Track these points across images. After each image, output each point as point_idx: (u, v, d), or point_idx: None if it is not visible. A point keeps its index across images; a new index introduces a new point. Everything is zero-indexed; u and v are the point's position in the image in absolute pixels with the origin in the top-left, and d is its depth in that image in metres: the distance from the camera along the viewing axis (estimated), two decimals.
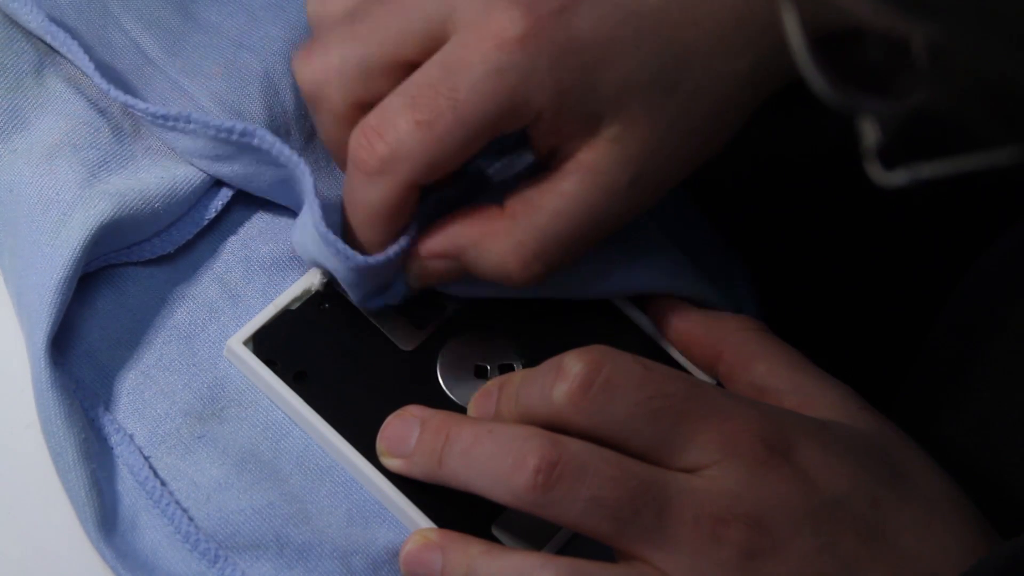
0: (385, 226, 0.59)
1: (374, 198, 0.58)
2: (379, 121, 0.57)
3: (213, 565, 0.58)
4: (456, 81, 0.56)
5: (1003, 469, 0.62)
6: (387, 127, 0.57)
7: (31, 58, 0.64)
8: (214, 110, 0.63)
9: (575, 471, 0.55)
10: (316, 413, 0.60)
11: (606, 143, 0.58)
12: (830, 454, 0.56)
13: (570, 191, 0.58)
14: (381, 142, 0.57)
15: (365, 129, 0.58)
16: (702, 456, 0.55)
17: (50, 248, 0.59)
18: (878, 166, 0.43)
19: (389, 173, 0.57)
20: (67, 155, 0.62)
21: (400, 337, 0.62)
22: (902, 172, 0.42)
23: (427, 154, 0.57)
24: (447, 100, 0.56)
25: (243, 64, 0.64)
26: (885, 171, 0.42)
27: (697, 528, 0.54)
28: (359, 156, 0.58)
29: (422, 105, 0.57)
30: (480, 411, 0.59)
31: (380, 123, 0.57)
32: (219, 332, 0.62)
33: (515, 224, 0.59)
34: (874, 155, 0.42)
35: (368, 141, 0.57)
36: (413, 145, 0.57)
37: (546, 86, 0.57)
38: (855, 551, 0.55)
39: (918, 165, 0.42)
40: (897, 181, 0.42)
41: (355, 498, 0.60)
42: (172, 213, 0.62)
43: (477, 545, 0.57)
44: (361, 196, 0.58)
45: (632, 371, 0.56)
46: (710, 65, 0.58)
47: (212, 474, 0.59)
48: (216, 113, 0.63)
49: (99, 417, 0.59)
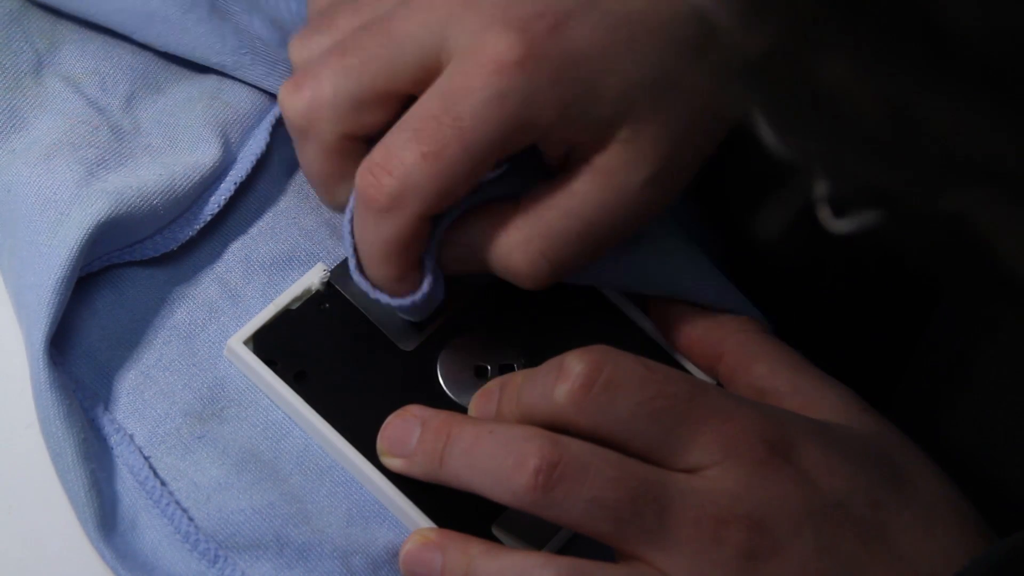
0: (400, 259, 0.58)
1: (387, 234, 0.58)
2: (385, 157, 0.57)
3: (213, 565, 0.58)
4: (459, 110, 0.56)
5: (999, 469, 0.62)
6: (393, 162, 0.57)
7: (29, 58, 0.64)
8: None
9: (576, 471, 0.55)
10: (316, 413, 0.60)
11: (618, 145, 0.58)
12: (831, 455, 0.56)
13: (581, 191, 0.58)
14: (389, 177, 0.57)
15: (371, 166, 0.57)
16: (703, 457, 0.55)
17: (48, 248, 0.59)
18: (829, 214, 0.43)
19: (399, 208, 0.57)
20: (65, 154, 0.62)
21: (400, 337, 0.62)
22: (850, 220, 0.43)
23: (436, 185, 0.57)
24: (452, 130, 0.56)
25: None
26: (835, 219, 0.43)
27: (698, 529, 0.54)
28: (368, 194, 0.57)
29: (427, 137, 0.56)
30: (481, 411, 0.59)
31: (386, 159, 0.57)
32: (219, 332, 0.62)
33: (525, 221, 0.59)
34: (825, 203, 0.43)
35: (376, 178, 0.57)
36: (420, 178, 0.57)
37: (549, 103, 0.57)
38: (855, 552, 0.55)
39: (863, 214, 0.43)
40: (846, 228, 0.43)
41: (355, 498, 0.60)
42: (172, 211, 0.62)
43: (477, 545, 0.57)
44: (373, 234, 0.58)
45: (634, 371, 0.56)
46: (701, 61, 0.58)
47: (212, 474, 0.59)
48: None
49: (99, 417, 0.59)
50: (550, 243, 0.58)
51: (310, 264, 0.64)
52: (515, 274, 0.59)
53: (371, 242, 0.58)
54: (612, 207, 0.58)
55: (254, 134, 0.65)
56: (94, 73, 0.65)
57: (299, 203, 0.65)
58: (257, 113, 0.65)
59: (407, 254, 0.58)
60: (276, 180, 0.65)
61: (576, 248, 0.59)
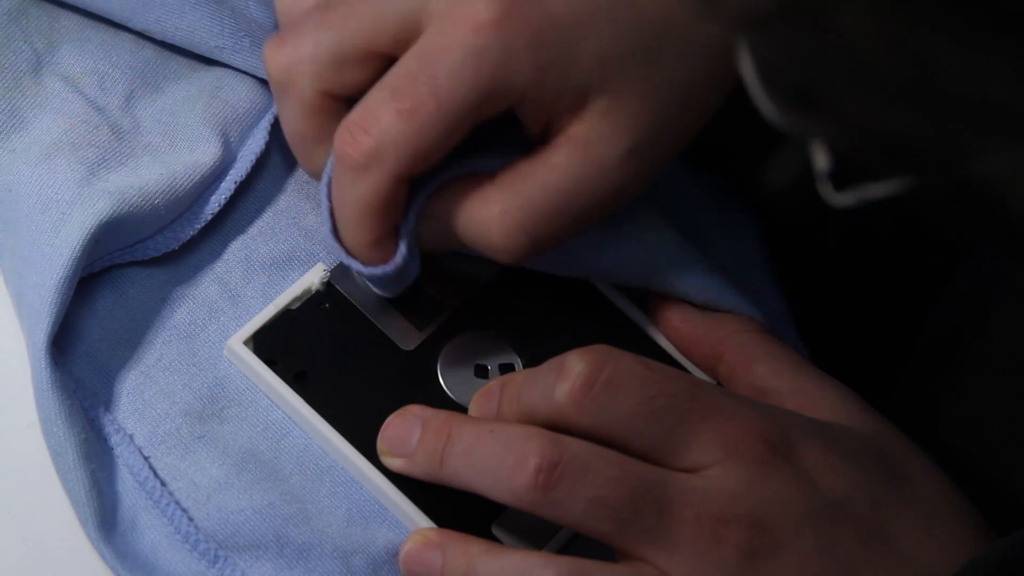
0: (376, 222, 0.58)
1: (363, 194, 0.58)
2: (362, 116, 0.57)
3: (213, 565, 0.57)
4: (435, 68, 0.56)
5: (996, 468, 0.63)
6: (370, 120, 0.57)
7: (29, 57, 0.64)
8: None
9: (576, 471, 0.55)
10: (316, 413, 0.60)
11: (595, 116, 0.58)
12: (831, 455, 0.56)
13: (559, 164, 0.58)
14: (365, 136, 0.57)
15: (349, 125, 0.57)
16: (704, 456, 0.55)
17: (49, 248, 0.59)
18: (829, 188, 0.43)
19: (376, 166, 0.57)
20: (66, 154, 0.62)
21: (400, 337, 0.62)
22: (851, 193, 0.43)
23: (412, 144, 0.57)
24: (427, 87, 0.56)
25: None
26: (835, 192, 0.43)
27: (698, 528, 0.54)
28: (344, 152, 0.57)
29: (403, 95, 0.57)
30: (481, 411, 0.59)
31: (363, 117, 0.57)
32: (219, 332, 0.62)
33: (502, 193, 0.58)
34: (825, 177, 0.43)
35: (353, 136, 0.57)
36: (397, 136, 0.57)
37: (525, 66, 0.57)
38: (855, 552, 0.55)
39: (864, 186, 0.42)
40: (847, 201, 0.43)
41: (355, 498, 0.60)
42: (173, 210, 0.62)
43: (477, 544, 0.57)
44: (350, 194, 0.58)
45: (634, 371, 0.56)
46: (688, 34, 0.58)
47: (212, 474, 0.59)
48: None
49: (99, 417, 0.59)
50: (528, 216, 0.58)
51: (310, 264, 0.64)
52: (493, 248, 0.59)
53: (347, 203, 0.58)
54: (590, 180, 0.58)
55: (253, 133, 0.65)
56: (93, 72, 0.65)
57: (299, 203, 0.65)
58: (256, 112, 0.65)
59: (383, 217, 0.58)
60: (276, 180, 0.65)
61: (555, 221, 0.58)
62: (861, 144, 0.40)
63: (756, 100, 0.42)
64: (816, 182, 0.44)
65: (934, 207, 0.40)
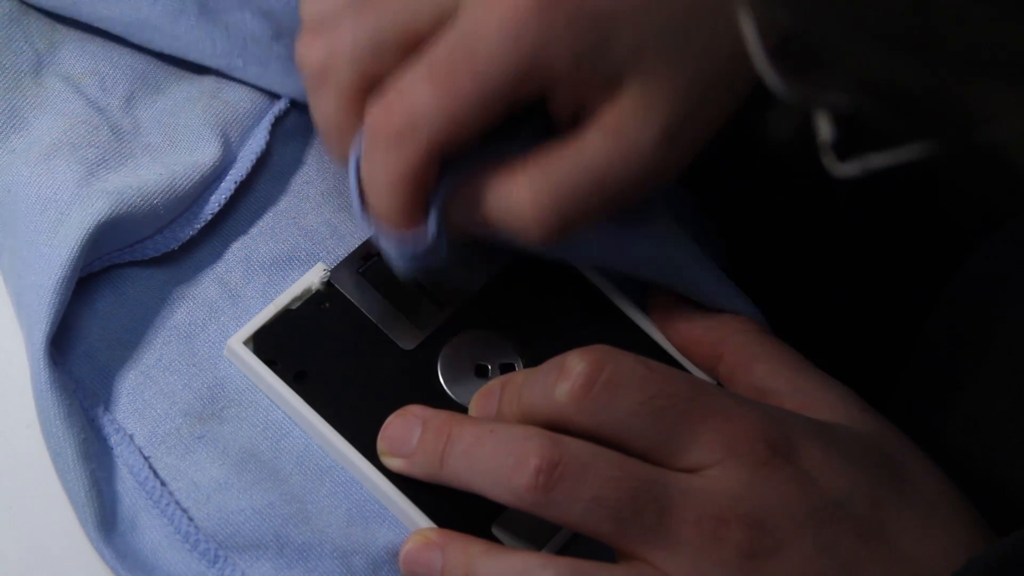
0: (407, 193, 0.58)
1: (395, 167, 0.57)
2: (398, 90, 0.57)
3: (213, 565, 0.57)
4: (474, 47, 0.56)
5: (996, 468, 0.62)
6: (406, 94, 0.57)
7: (29, 58, 0.64)
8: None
9: (576, 471, 0.55)
10: (316, 413, 0.60)
11: (628, 100, 0.58)
12: (831, 455, 0.56)
13: (591, 147, 0.58)
14: (400, 109, 0.57)
15: (382, 101, 0.57)
16: (704, 456, 0.55)
17: (48, 248, 0.59)
18: (833, 158, 0.43)
19: (409, 140, 0.57)
20: (65, 154, 0.62)
21: (400, 337, 0.62)
22: (855, 163, 0.43)
23: (446, 119, 0.56)
24: (466, 65, 0.56)
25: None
26: (839, 163, 0.43)
27: (698, 528, 0.54)
28: (377, 123, 0.57)
29: (440, 71, 0.56)
30: (482, 411, 0.59)
31: (399, 91, 0.57)
32: (219, 332, 0.62)
33: (533, 176, 0.58)
34: (829, 148, 0.43)
35: (387, 109, 0.57)
36: (432, 111, 0.56)
37: (563, 50, 0.56)
38: (855, 552, 0.55)
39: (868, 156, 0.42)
40: (851, 172, 0.43)
41: (355, 498, 0.60)
42: (172, 210, 0.62)
43: (477, 545, 0.57)
44: (382, 168, 0.58)
45: (634, 371, 0.56)
46: (719, 16, 0.58)
47: (212, 474, 0.59)
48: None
49: (99, 417, 0.59)
50: (560, 198, 0.58)
51: (310, 264, 0.64)
52: (524, 229, 0.58)
53: (379, 174, 0.58)
54: (622, 163, 0.58)
55: (254, 133, 0.65)
56: (94, 73, 0.65)
57: (299, 203, 0.65)
58: (257, 112, 0.65)
59: (414, 190, 0.58)
60: (276, 180, 0.65)
61: (586, 204, 0.58)
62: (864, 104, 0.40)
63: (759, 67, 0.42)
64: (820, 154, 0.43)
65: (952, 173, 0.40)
